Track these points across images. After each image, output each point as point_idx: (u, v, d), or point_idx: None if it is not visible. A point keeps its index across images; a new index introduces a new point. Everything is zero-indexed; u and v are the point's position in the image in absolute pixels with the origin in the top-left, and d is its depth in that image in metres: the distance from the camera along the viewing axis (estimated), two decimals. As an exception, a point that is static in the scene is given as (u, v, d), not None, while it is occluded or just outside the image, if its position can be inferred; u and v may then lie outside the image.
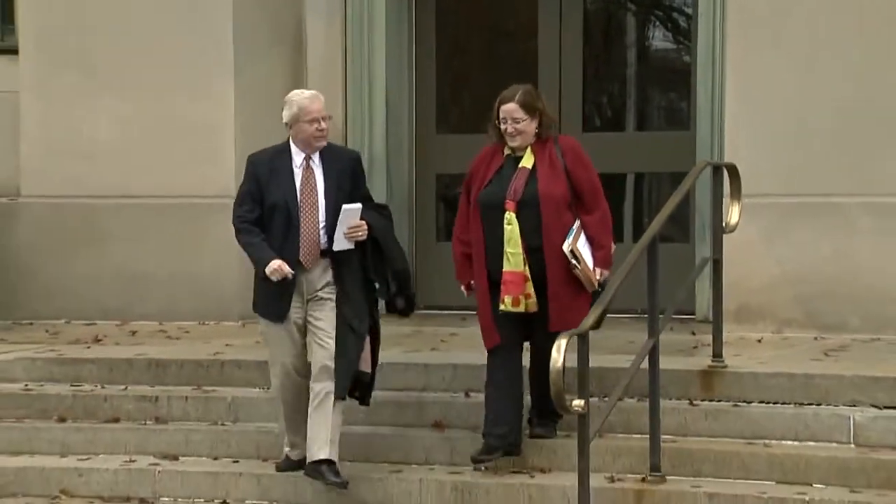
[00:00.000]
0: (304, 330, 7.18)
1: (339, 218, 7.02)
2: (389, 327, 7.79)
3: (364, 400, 7.31)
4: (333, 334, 7.10)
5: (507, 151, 7.22)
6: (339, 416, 7.13)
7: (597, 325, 6.55)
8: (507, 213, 7.06)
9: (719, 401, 7.60)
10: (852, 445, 7.24)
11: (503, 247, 7.06)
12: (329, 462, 7.06)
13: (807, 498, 6.83)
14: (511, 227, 7.05)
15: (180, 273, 10.15)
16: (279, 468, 7.40)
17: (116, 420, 8.21)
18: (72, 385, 8.52)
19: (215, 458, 7.81)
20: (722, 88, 9.66)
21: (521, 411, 7.22)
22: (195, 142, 10.30)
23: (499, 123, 7.17)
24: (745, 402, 7.56)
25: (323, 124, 7.19)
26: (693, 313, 9.58)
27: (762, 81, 9.25)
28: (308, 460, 7.12)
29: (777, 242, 9.16)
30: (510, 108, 7.12)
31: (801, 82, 9.16)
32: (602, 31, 11.17)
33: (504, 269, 7.04)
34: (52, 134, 10.58)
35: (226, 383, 8.30)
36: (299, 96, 7.26)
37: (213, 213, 9.59)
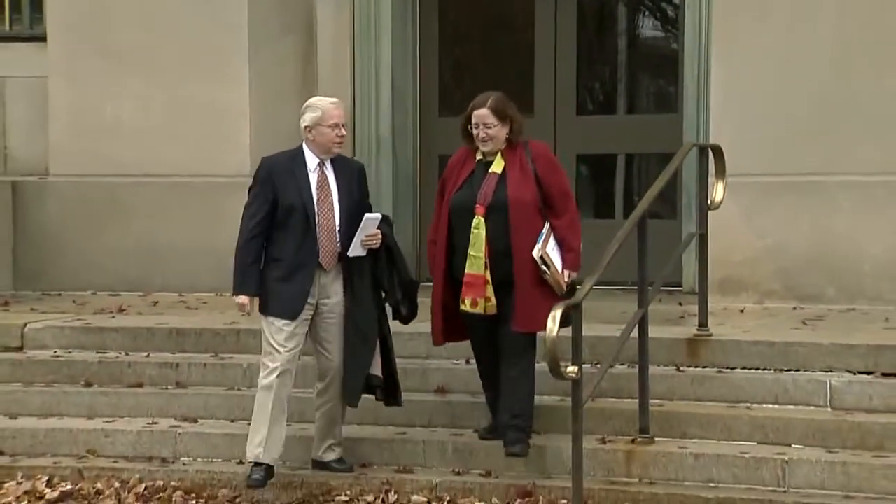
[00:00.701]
0: (307, 331, 7.06)
1: (361, 225, 6.94)
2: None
3: (391, 401, 7.20)
4: (340, 347, 7.04)
5: (478, 156, 7.04)
6: (343, 416, 7.21)
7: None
8: (476, 217, 6.89)
9: (704, 367, 7.62)
10: (829, 409, 7.26)
11: (468, 250, 6.93)
12: (338, 459, 7.20)
13: (786, 458, 6.87)
14: (478, 231, 6.88)
15: (199, 247, 10.15)
16: (252, 484, 7.04)
17: (139, 385, 8.24)
18: (98, 352, 8.56)
19: (232, 421, 7.85)
20: (707, 74, 9.65)
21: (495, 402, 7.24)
22: (212, 123, 10.30)
23: (471, 128, 7.00)
24: (728, 368, 7.58)
25: (343, 130, 7.07)
26: (680, 285, 9.60)
27: (745, 68, 9.25)
28: (316, 458, 7.21)
29: (759, 218, 9.18)
30: (482, 114, 6.94)
31: (782, 68, 9.16)
32: (595, 20, 11.15)
33: (466, 272, 6.90)
34: (79, 116, 10.58)
35: (241, 351, 8.32)
36: (324, 101, 7.14)
37: (229, 191, 9.58)
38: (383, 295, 7.15)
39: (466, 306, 6.91)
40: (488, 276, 6.85)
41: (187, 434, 7.74)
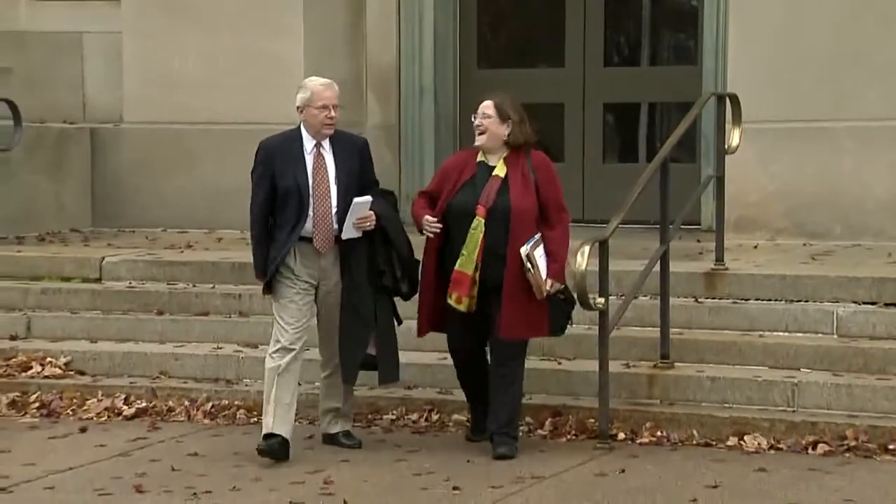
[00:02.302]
0: (312, 308, 6.52)
1: (350, 209, 6.32)
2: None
3: (388, 376, 6.61)
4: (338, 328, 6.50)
5: (479, 158, 6.47)
6: (352, 393, 6.73)
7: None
8: (477, 218, 6.32)
9: (720, 299, 7.60)
10: (835, 336, 7.24)
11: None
12: (345, 431, 6.67)
13: (795, 381, 6.87)
14: (475, 231, 6.31)
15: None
16: (262, 451, 6.37)
17: (206, 314, 8.27)
18: (168, 283, 8.58)
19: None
20: (725, 29, 9.55)
21: (479, 401, 6.66)
22: (269, 74, 10.24)
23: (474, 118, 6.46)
24: (742, 299, 7.55)
25: (333, 112, 6.39)
26: (698, 224, 9.52)
27: (760, 23, 9.15)
28: (324, 432, 6.69)
29: (771, 162, 9.10)
30: (484, 104, 6.41)
31: (794, 24, 9.06)
32: (621, -22, 11.03)
33: (456, 268, 6.34)
34: (150, 68, 10.56)
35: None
36: (313, 82, 6.48)
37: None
38: (381, 275, 6.48)
39: (452, 301, 6.37)
40: (476, 277, 6.32)
41: (249, 358, 7.76)
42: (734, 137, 7.99)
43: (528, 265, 6.26)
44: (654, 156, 7.57)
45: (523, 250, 6.25)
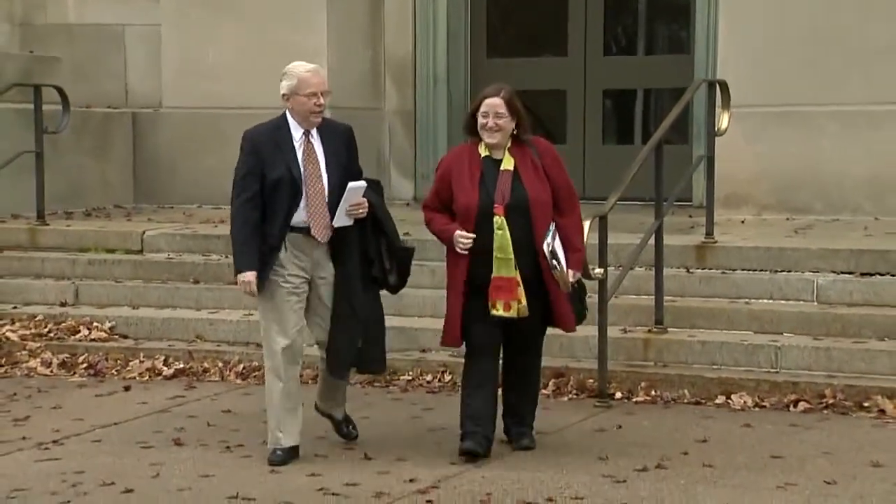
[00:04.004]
0: (304, 307, 5.64)
1: (344, 195, 5.53)
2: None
3: (372, 367, 5.92)
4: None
5: (483, 152, 5.61)
6: (343, 388, 5.94)
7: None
8: (497, 217, 5.50)
9: (710, 269, 7.57)
10: (815, 303, 7.22)
11: (492, 253, 5.51)
12: (345, 419, 5.98)
13: (778, 344, 6.85)
14: (502, 231, 5.49)
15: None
16: (274, 462, 5.63)
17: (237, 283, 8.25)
18: (203, 255, 8.57)
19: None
20: (716, 21, 9.50)
21: (496, 408, 5.77)
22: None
23: (478, 117, 5.59)
24: (730, 270, 7.52)
25: (321, 99, 5.56)
26: (690, 200, 9.48)
27: (748, 14, 9.09)
28: (321, 408, 5.93)
29: (758, 143, 9.05)
30: (495, 103, 5.54)
31: (779, 16, 9.00)
32: (619, -26, 10.96)
33: (494, 275, 5.51)
34: (186, 58, 10.54)
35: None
36: (300, 69, 5.63)
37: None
38: (370, 264, 5.68)
39: (499, 310, 5.53)
40: (519, 278, 5.53)
41: (278, 323, 7.76)
42: (723, 121, 7.95)
43: (554, 262, 5.50)
44: (649, 138, 7.54)
45: (546, 246, 5.51)
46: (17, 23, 11.76)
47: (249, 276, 5.53)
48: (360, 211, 5.58)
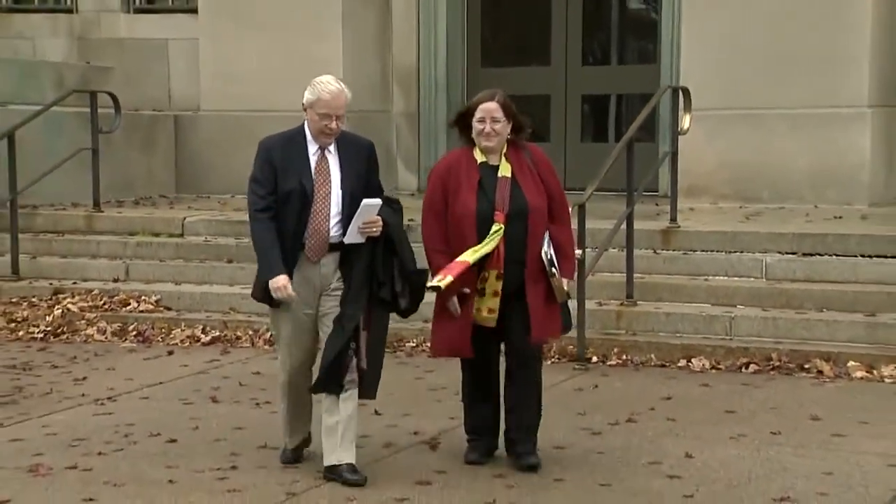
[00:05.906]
0: (315, 325, 4.76)
1: (358, 211, 4.62)
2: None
3: (364, 393, 4.79)
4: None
5: (479, 158, 4.83)
6: (356, 416, 4.81)
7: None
8: (497, 224, 4.72)
9: (674, 250, 7.58)
10: (764, 280, 7.23)
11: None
12: (348, 463, 4.74)
13: (732, 315, 6.87)
14: (496, 234, 4.72)
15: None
16: (285, 460, 4.99)
17: (266, 262, 8.27)
18: (236, 238, 8.55)
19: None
20: (679, 35, 9.49)
21: (499, 413, 5.02)
22: (314, 70, 9.83)
23: (472, 123, 4.81)
24: (691, 251, 7.53)
25: (333, 123, 4.65)
26: (657, 191, 9.49)
27: (707, 29, 9.08)
28: (326, 463, 4.76)
29: (716, 141, 9.05)
30: (491, 107, 4.77)
31: (735, 31, 8.99)
32: (595, -3, 10.94)
33: (460, 258, 4.72)
34: (219, 66, 10.52)
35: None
36: (322, 87, 4.70)
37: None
38: (380, 287, 4.72)
39: (433, 281, 4.73)
40: (498, 288, 4.76)
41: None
42: (685, 122, 7.95)
43: (553, 270, 4.77)
44: (621, 137, 7.54)
45: (544, 255, 4.78)
46: (75, 37, 11.85)
47: (282, 280, 4.62)
48: (374, 229, 4.64)
